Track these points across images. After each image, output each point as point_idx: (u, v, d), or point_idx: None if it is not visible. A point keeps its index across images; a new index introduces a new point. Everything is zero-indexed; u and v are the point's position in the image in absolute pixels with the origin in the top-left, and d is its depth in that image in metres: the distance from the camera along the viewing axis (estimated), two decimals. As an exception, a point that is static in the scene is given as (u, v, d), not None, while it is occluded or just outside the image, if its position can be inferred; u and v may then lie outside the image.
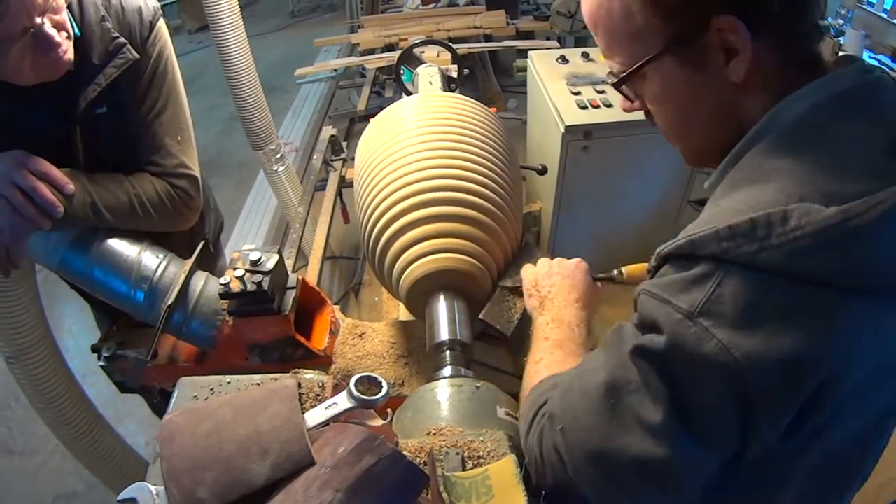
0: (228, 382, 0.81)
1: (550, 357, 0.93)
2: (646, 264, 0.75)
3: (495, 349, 1.32)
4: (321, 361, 1.24)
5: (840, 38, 3.21)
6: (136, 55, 1.20)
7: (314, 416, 0.73)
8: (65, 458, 2.35)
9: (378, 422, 0.75)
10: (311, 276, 1.63)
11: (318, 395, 0.80)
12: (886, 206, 0.56)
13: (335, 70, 5.22)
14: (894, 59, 2.90)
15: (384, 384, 0.75)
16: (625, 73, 0.74)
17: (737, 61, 0.66)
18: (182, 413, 0.71)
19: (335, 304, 1.39)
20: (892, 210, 0.56)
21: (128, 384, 1.35)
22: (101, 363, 1.36)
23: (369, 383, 0.75)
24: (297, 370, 0.80)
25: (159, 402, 1.57)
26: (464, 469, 0.84)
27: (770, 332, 0.58)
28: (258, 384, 0.80)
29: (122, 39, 1.18)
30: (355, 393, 0.72)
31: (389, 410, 0.98)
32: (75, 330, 3.10)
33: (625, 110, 0.85)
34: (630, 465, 0.67)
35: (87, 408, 1.88)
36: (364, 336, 1.34)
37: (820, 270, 0.57)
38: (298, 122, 5.09)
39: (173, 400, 0.81)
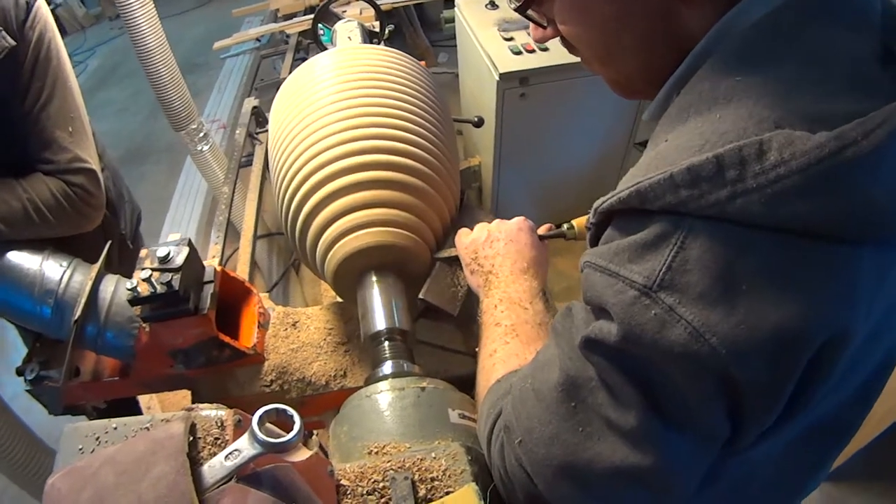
0: (115, 428, 0.65)
1: (506, 348, 0.79)
2: None
3: (443, 326, 1.19)
4: (252, 360, 1.12)
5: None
6: (13, 42, 1.09)
7: (213, 470, 0.57)
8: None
9: (302, 454, 0.60)
10: (244, 258, 1.52)
11: (218, 439, 0.64)
12: (889, 129, 0.44)
13: (258, 40, 5.02)
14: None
15: (296, 420, 0.59)
16: None
17: None
18: (64, 476, 0.56)
19: (275, 283, 1.27)
20: (895, 134, 0.44)
21: (49, 409, 1.23)
22: (27, 387, 1.23)
23: (278, 415, 0.59)
24: (191, 406, 0.67)
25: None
26: (415, 498, 0.70)
27: (753, 305, 0.46)
28: (147, 428, 0.66)
29: None
30: (259, 435, 0.56)
31: (316, 432, 0.85)
32: (19, 344, 2.93)
33: (536, 40, 0.71)
34: (610, 477, 0.55)
35: (23, 435, 1.76)
36: (298, 325, 1.20)
37: (811, 217, 0.45)
38: (225, 98, 4.91)
39: (57, 456, 0.68)
